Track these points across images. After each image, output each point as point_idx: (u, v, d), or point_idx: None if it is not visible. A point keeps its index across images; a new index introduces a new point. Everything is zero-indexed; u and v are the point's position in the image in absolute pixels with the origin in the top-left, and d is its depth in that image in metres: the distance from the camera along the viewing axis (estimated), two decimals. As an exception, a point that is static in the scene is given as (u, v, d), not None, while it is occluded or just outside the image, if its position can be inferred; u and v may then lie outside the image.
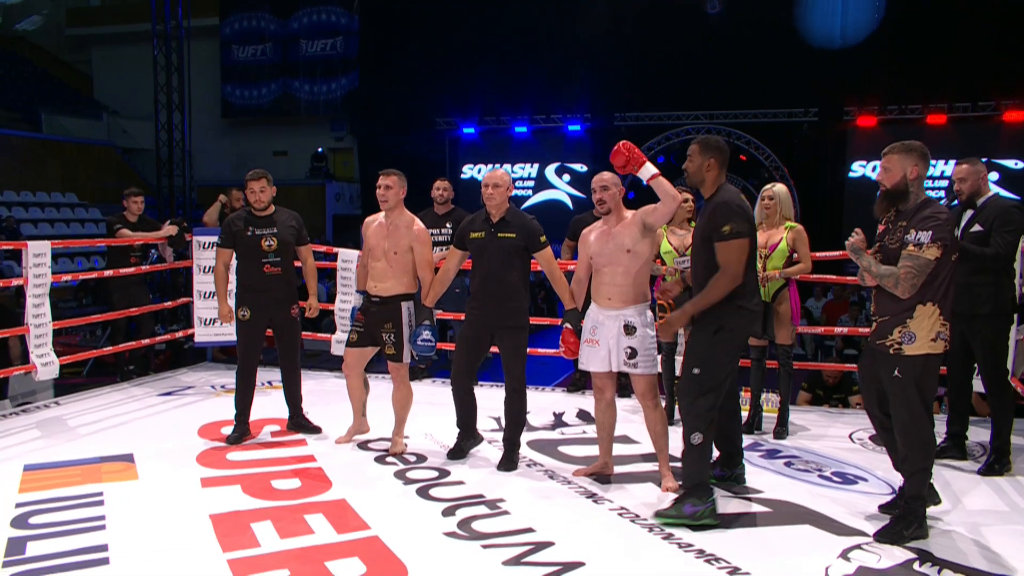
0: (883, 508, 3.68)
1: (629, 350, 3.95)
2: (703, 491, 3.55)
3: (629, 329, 3.95)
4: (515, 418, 4.40)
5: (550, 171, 17.96)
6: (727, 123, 15.62)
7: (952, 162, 15.05)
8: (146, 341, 6.73)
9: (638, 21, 15.82)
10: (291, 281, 4.95)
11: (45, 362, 5.49)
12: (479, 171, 17.78)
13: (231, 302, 4.96)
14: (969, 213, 4.36)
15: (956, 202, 4.43)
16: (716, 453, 4.11)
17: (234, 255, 4.87)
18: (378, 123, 18.82)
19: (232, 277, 4.98)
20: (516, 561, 3.18)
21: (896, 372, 3.33)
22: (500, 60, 16.63)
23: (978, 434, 4.75)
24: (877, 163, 3.58)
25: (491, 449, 4.67)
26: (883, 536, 3.39)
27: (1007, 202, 4.28)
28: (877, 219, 3.51)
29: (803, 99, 15.28)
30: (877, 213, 3.46)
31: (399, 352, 4.49)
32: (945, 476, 4.27)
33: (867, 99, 15.37)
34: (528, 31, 16.47)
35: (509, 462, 4.35)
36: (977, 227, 4.29)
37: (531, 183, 18.16)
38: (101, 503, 3.78)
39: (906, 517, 3.41)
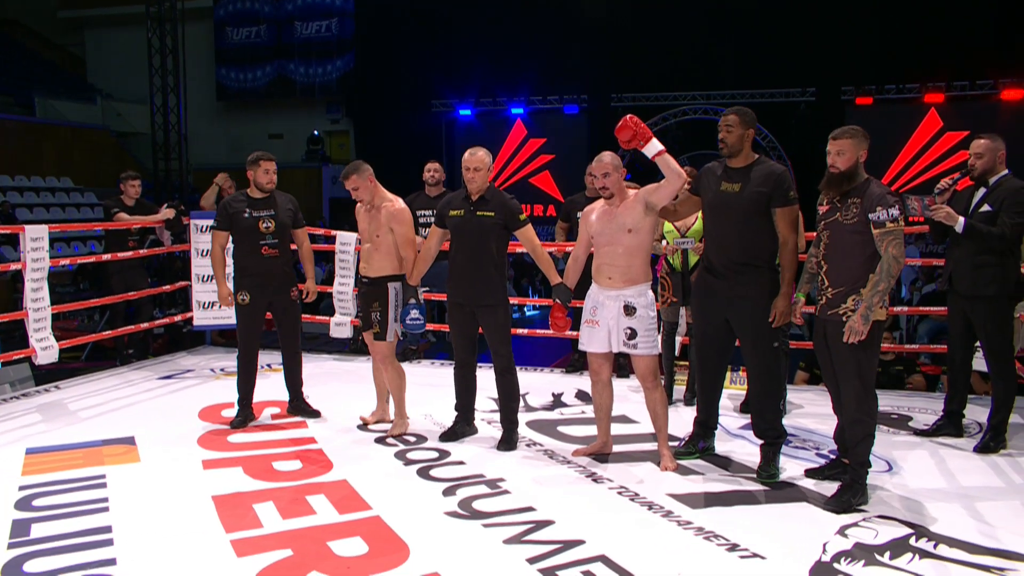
0: (810, 473, 3.89)
1: (629, 331, 3.96)
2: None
3: (629, 310, 3.96)
4: (509, 397, 4.41)
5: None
6: (724, 103, 15.49)
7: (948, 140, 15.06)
8: (144, 325, 6.74)
9: (635, 1, 15.76)
10: (290, 263, 4.95)
11: (45, 346, 5.50)
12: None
13: (230, 285, 4.97)
14: (981, 192, 4.32)
15: (959, 176, 4.40)
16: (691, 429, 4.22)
17: (230, 238, 4.85)
18: (374, 105, 18.79)
19: (230, 260, 4.97)
20: (517, 539, 3.21)
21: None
22: (496, 42, 16.54)
23: (975, 412, 4.78)
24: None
25: (490, 429, 4.70)
26: (832, 505, 3.51)
27: (1019, 183, 4.23)
28: (820, 201, 3.65)
29: (801, 79, 15.30)
30: (826, 194, 3.58)
31: (384, 331, 4.51)
32: (941, 453, 4.32)
33: (865, 79, 15.37)
34: (525, 12, 16.38)
35: (508, 442, 4.39)
36: (987, 207, 4.26)
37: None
38: (104, 485, 3.80)
39: (853, 485, 3.53)
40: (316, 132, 20.41)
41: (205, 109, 20.34)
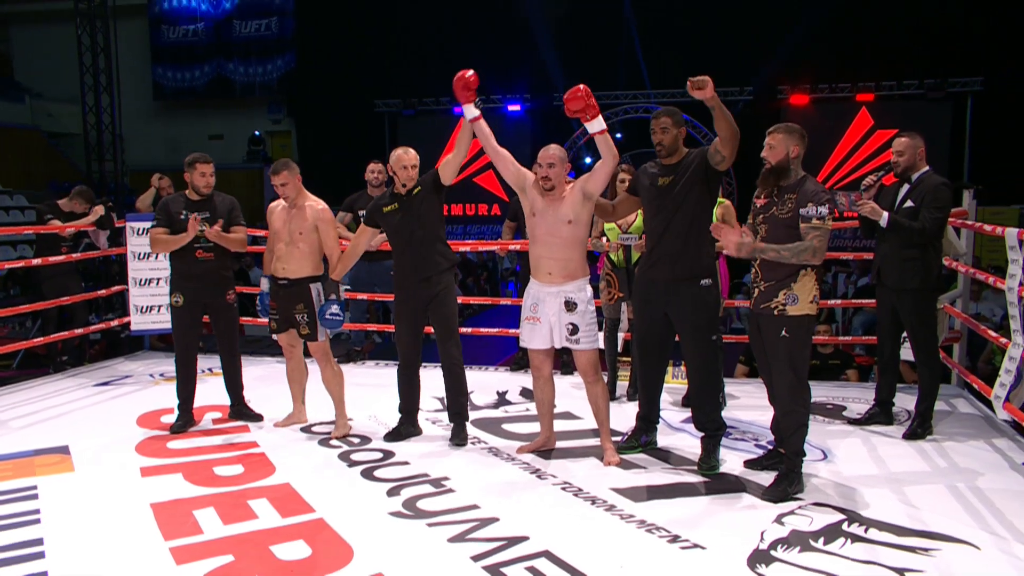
0: (748, 464, 4.00)
1: (571, 326, 3.99)
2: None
3: (570, 305, 3.98)
4: (458, 388, 4.43)
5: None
6: (664, 102, 15.70)
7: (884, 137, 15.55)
8: (79, 331, 6.56)
9: (575, 1, 15.89)
10: (227, 266, 4.86)
11: (-29, 355, 5.30)
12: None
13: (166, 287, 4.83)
14: (905, 188, 4.49)
15: (882, 173, 4.57)
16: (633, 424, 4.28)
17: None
18: (316, 105, 18.53)
19: (166, 262, 4.86)
20: (461, 538, 3.22)
21: (784, 332, 3.56)
22: (438, 41, 16.46)
23: (904, 401, 4.95)
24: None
25: (435, 429, 4.70)
26: (769, 495, 3.60)
27: (938, 179, 4.41)
28: (757, 195, 3.76)
29: (739, 78, 15.67)
30: (761, 188, 3.69)
31: (313, 331, 4.54)
32: (872, 441, 4.47)
33: (800, 78, 15.79)
34: (466, 11, 16.35)
35: (459, 436, 4.42)
36: (909, 203, 4.43)
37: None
38: (35, 496, 3.69)
39: (788, 475, 3.64)
40: (257, 132, 20.12)
41: (142, 109, 19.81)
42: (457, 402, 4.45)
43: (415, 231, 4.29)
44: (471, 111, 4.02)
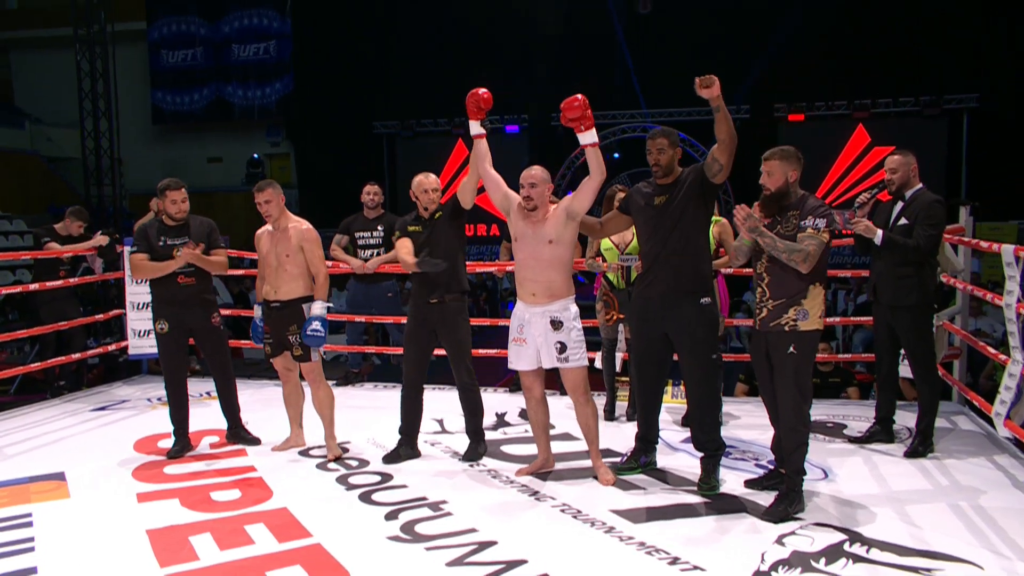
0: (749, 483, 3.96)
1: (559, 345, 3.98)
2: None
3: (556, 324, 3.96)
4: (473, 409, 4.49)
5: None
6: (662, 121, 15.82)
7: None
8: (77, 356, 6.52)
9: (568, 22, 16.02)
10: (209, 289, 4.87)
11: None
12: (415, 174, 17.67)
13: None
14: (899, 206, 4.50)
15: (876, 191, 4.57)
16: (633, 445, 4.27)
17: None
18: (315, 127, 18.57)
19: (147, 288, 4.85)
20: (459, 562, 3.19)
21: (792, 349, 3.55)
22: (437, 62, 16.57)
23: (905, 418, 4.92)
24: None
25: (434, 451, 4.67)
26: (770, 515, 3.58)
27: (932, 196, 4.42)
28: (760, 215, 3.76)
29: (736, 97, 15.75)
30: (764, 214, 3.67)
31: (307, 352, 4.54)
32: (873, 459, 4.44)
33: (796, 96, 15.85)
34: (467, 33, 16.45)
35: (475, 452, 4.48)
36: (904, 220, 4.44)
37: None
38: (30, 524, 3.66)
39: (789, 494, 3.62)
40: (256, 155, 20.14)
41: (140, 133, 19.87)
42: (472, 422, 4.52)
43: (432, 253, 4.35)
44: (476, 128, 4.07)
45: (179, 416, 4.75)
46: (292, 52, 19.42)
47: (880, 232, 4.41)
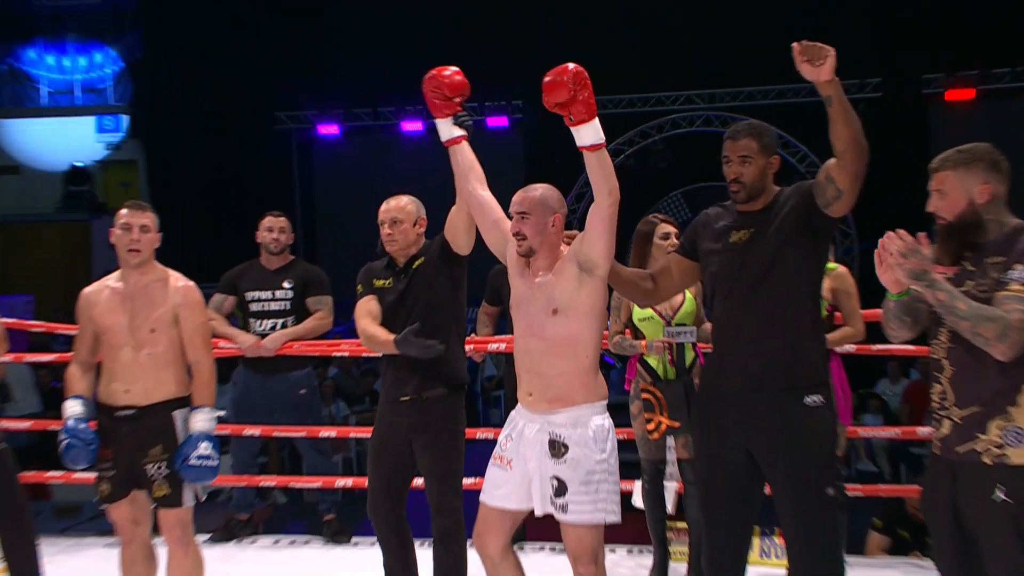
0: None
1: (556, 482, 2.90)
2: None
3: (556, 447, 2.90)
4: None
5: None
6: (728, 107, 11.46)
7: None
8: None
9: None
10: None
11: None
12: (349, 196, 11.74)
13: None
14: None
15: None
16: None
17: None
18: (178, 120, 12.45)
19: None
20: None
21: (998, 494, 2.55)
22: (378, 30, 11.83)
23: None
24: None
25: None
26: None
27: None
28: (937, 261, 2.66)
29: (859, 66, 10.66)
30: (943, 258, 2.66)
31: (177, 491, 3.35)
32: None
33: (959, 62, 11.13)
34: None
35: None
36: None
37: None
38: None
39: None
40: (80, 163, 13.77)
41: None
42: None
43: (408, 320, 3.39)
44: (447, 128, 3.12)
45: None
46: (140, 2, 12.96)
47: None
